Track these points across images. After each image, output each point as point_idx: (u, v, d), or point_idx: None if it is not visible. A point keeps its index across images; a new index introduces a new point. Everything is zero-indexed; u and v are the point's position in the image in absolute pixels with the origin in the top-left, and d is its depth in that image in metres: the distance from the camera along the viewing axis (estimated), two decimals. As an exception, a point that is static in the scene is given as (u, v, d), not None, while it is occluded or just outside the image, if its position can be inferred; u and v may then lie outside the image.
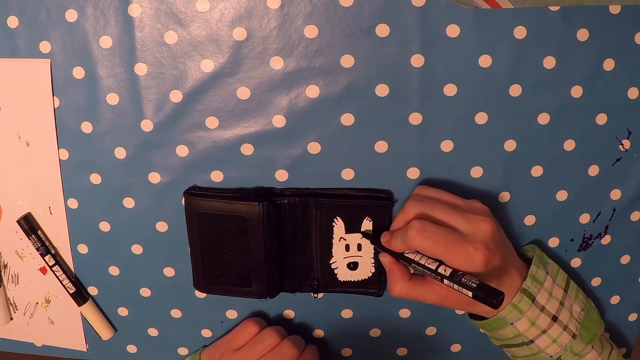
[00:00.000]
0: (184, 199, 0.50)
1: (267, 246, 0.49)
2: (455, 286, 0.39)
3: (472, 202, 0.46)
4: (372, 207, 0.49)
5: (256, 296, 0.51)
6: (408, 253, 0.44)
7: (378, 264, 0.51)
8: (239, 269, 0.50)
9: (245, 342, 0.50)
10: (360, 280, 0.52)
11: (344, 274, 0.52)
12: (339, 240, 0.51)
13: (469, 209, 0.44)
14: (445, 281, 0.40)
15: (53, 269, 0.53)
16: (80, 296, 0.54)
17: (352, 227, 0.50)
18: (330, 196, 0.50)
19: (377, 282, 0.52)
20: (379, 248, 0.48)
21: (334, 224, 0.50)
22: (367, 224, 0.50)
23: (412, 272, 0.46)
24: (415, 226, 0.41)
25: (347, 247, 0.51)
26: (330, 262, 0.51)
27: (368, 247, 0.51)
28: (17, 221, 0.52)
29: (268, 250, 0.49)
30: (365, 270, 0.52)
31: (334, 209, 0.49)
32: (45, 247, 0.52)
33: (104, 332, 0.56)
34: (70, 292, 0.54)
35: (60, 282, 0.53)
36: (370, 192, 0.50)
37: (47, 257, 0.53)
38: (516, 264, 0.46)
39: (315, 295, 0.53)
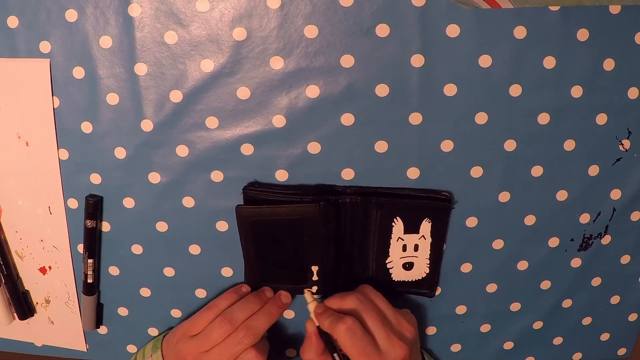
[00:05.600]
0: (235, 209, 0.49)
1: (325, 247, 0.49)
2: None
3: (403, 319, 0.47)
4: (432, 208, 0.49)
5: (313, 293, 0.51)
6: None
7: (433, 266, 0.51)
8: (295, 269, 0.50)
9: (201, 329, 0.49)
10: (414, 280, 0.52)
11: (398, 274, 0.52)
12: (397, 240, 0.50)
13: (397, 326, 0.47)
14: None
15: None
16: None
17: (411, 227, 0.50)
18: (392, 196, 0.49)
19: (430, 283, 0.52)
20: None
21: (393, 223, 0.50)
22: (426, 225, 0.50)
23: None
24: (347, 323, 0.44)
25: (405, 248, 0.51)
26: (386, 261, 0.51)
27: (425, 248, 0.51)
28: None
29: (325, 250, 0.49)
30: (420, 270, 0.52)
31: (395, 208, 0.49)
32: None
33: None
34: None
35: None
36: (431, 192, 0.49)
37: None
38: None
39: None
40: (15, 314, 0.57)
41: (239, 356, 0.47)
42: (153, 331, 0.57)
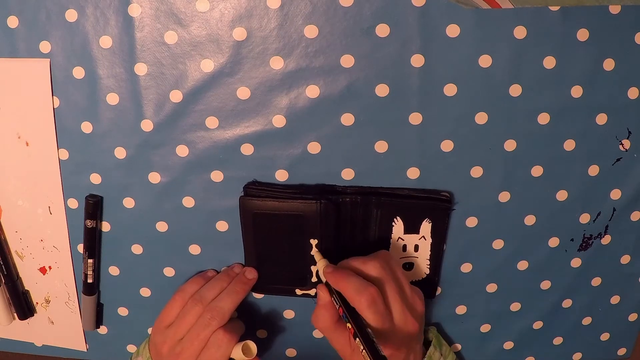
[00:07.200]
0: (238, 200, 0.49)
1: (325, 244, 0.49)
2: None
3: (416, 295, 0.47)
4: (433, 208, 0.49)
5: (312, 296, 0.51)
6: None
7: (433, 266, 0.51)
8: (295, 268, 0.50)
9: (174, 317, 0.48)
10: (414, 281, 0.52)
11: None
12: (397, 240, 0.50)
13: (410, 302, 0.46)
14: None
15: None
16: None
17: (411, 227, 0.50)
18: (392, 196, 0.49)
19: (430, 284, 0.52)
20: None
21: (393, 223, 0.50)
22: (426, 226, 0.50)
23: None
24: (372, 294, 0.42)
25: (405, 248, 0.51)
26: None
27: (425, 249, 0.51)
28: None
29: (325, 248, 0.49)
30: (420, 271, 0.52)
31: (395, 208, 0.49)
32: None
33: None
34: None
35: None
36: (432, 193, 0.49)
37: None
38: (417, 348, 0.48)
39: None
40: (15, 314, 0.57)
41: (208, 340, 0.46)
42: (153, 331, 0.57)
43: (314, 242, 0.49)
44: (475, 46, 0.46)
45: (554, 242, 0.53)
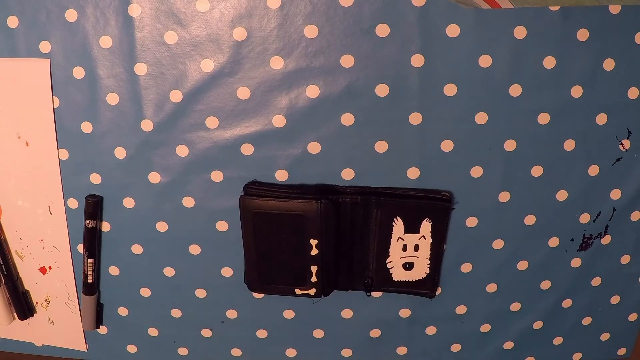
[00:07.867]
0: (239, 199, 0.49)
1: (325, 244, 0.49)
2: None
3: None
4: (433, 208, 0.49)
5: (311, 296, 0.51)
6: None
7: (433, 266, 0.51)
8: (295, 268, 0.50)
9: None
10: (414, 280, 0.52)
11: (398, 274, 0.52)
12: (397, 240, 0.50)
13: None
14: None
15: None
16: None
17: (411, 227, 0.50)
18: (392, 196, 0.49)
19: (430, 284, 0.52)
20: None
21: (393, 223, 0.50)
22: (426, 225, 0.50)
23: None
24: None
25: (405, 247, 0.51)
26: (387, 261, 0.51)
27: (425, 248, 0.51)
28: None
29: (325, 248, 0.49)
30: (420, 271, 0.52)
31: (395, 208, 0.49)
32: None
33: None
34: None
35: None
36: (431, 192, 0.50)
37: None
38: None
39: (369, 294, 0.53)
40: (15, 314, 0.57)
41: None
42: (153, 331, 0.57)
43: (314, 242, 0.49)
44: (475, 46, 0.46)
45: (554, 242, 0.53)
